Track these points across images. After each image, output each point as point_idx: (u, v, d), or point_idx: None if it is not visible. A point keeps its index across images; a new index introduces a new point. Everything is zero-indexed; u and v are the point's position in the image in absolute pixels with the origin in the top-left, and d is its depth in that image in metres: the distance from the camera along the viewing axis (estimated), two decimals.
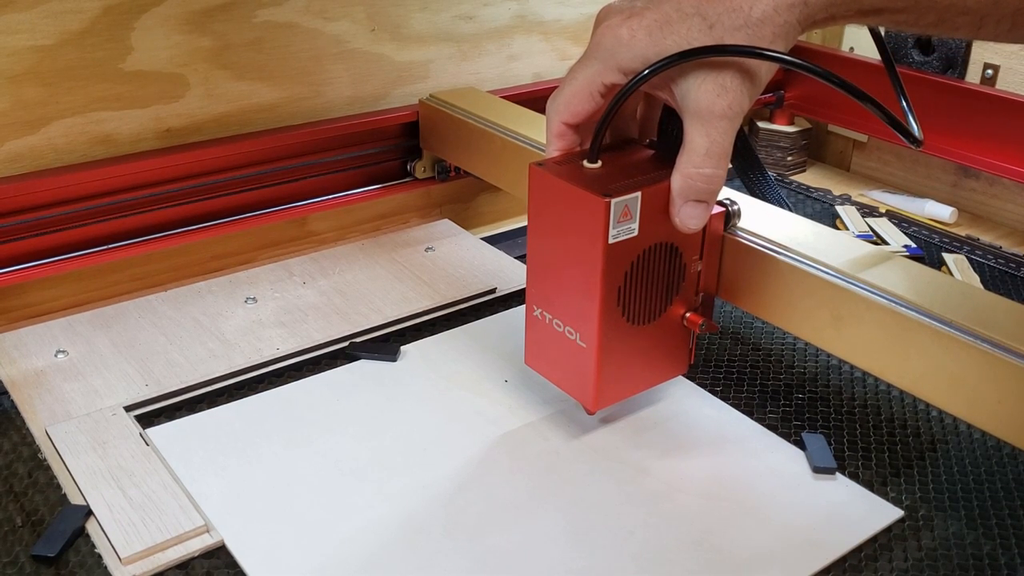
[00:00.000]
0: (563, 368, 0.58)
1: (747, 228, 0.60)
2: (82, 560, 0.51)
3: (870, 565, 0.52)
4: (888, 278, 0.54)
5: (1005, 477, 0.59)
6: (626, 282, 0.54)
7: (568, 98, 0.53)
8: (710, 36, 0.48)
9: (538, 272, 0.57)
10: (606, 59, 0.51)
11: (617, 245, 0.52)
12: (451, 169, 0.88)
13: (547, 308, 0.58)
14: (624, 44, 0.50)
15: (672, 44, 0.48)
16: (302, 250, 0.84)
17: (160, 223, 0.75)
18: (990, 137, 0.92)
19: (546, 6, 0.94)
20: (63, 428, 0.60)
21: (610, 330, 0.55)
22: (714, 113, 0.49)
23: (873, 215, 0.96)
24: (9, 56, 0.68)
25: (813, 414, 0.64)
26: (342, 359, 0.69)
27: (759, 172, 0.72)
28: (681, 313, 0.59)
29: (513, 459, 0.59)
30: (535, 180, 0.55)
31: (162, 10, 0.73)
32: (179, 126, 0.77)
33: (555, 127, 0.55)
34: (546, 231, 0.56)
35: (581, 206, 0.52)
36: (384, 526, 0.53)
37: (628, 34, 0.49)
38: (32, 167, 0.71)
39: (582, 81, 0.52)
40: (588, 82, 0.52)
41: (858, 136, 1.08)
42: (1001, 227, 0.97)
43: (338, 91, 0.84)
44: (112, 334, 0.70)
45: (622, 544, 0.52)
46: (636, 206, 0.52)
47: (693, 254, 0.58)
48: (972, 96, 0.94)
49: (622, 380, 0.58)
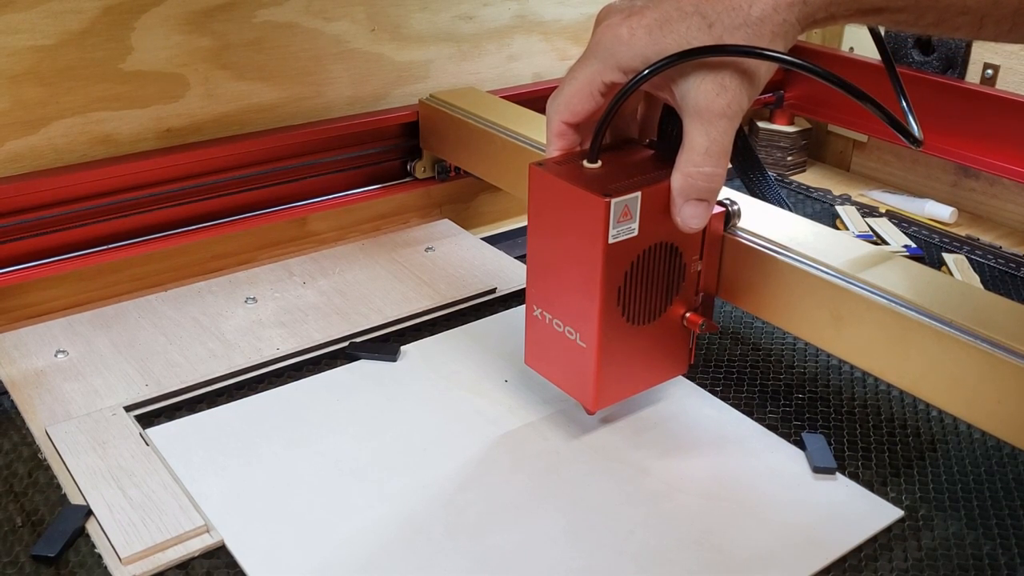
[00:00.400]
0: (563, 368, 0.58)
1: (747, 228, 0.60)
2: (82, 560, 0.51)
3: (870, 565, 0.52)
4: (888, 278, 0.54)
5: (1005, 477, 0.59)
6: (626, 282, 0.54)
7: (568, 97, 0.53)
8: (709, 35, 0.48)
9: (538, 272, 0.57)
10: (606, 58, 0.51)
11: (617, 245, 0.52)
12: (451, 169, 0.88)
13: (547, 308, 0.58)
14: (624, 43, 0.50)
15: (672, 43, 0.48)
16: (302, 250, 0.84)
17: (160, 223, 0.75)
18: (990, 137, 0.92)
19: (546, 6, 0.94)
20: (63, 428, 0.60)
21: (610, 330, 0.55)
22: (713, 112, 0.49)
23: (873, 215, 0.96)
24: (9, 56, 0.68)
25: (813, 414, 0.64)
26: (342, 359, 0.69)
27: (759, 172, 0.72)
28: (681, 313, 0.59)
29: (513, 459, 0.59)
30: (535, 180, 0.55)
31: (162, 10, 0.73)
32: (179, 126, 0.77)
33: (555, 126, 0.55)
34: (546, 231, 0.56)
35: (581, 206, 0.52)
36: (384, 526, 0.53)
37: (628, 33, 0.49)
38: (32, 167, 0.71)
39: (582, 80, 0.52)
40: (588, 81, 0.52)
41: (858, 136, 1.08)
42: (1001, 227, 0.97)
43: (338, 91, 0.84)
44: (112, 334, 0.70)
45: (622, 544, 0.52)
46: (636, 206, 0.52)
47: (693, 254, 0.58)
48: (972, 96, 0.94)
49: (622, 380, 0.58)
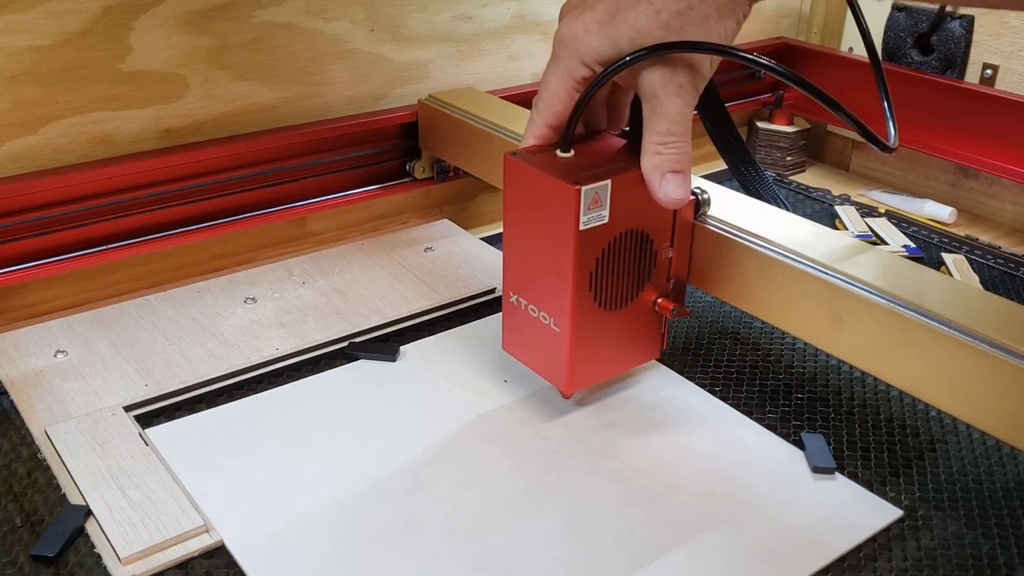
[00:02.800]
0: (538, 352, 0.60)
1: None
2: (81, 560, 0.51)
3: (869, 565, 0.52)
4: (888, 278, 0.55)
5: (1005, 477, 0.59)
6: (598, 268, 0.56)
7: (548, 103, 0.55)
8: (657, 20, 0.50)
9: (514, 259, 0.59)
10: (569, 56, 0.53)
11: (588, 232, 0.54)
12: (450, 169, 0.88)
13: (522, 294, 0.59)
14: (580, 39, 0.52)
15: (623, 35, 0.51)
16: (301, 250, 0.84)
17: (159, 223, 0.75)
18: (989, 137, 0.93)
19: (545, 6, 0.94)
20: (62, 428, 0.60)
21: (582, 315, 0.57)
22: (668, 93, 0.51)
23: (872, 215, 0.96)
24: (8, 56, 0.68)
25: (812, 414, 0.64)
26: (341, 359, 0.69)
27: (751, 166, 0.72)
28: (653, 299, 0.61)
29: (512, 459, 0.59)
30: (509, 169, 0.57)
31: (161, 10, 0.73)
32: (178, 126, 0.77)
33: (539, 130, 0.56)
34: (521, 219, 0.58)
35: (553, 193, 0.54)
36: (383, 526, 0.53)
37: (583, 29, 0.52)
38: (31, 167, 0.71)
39: (555, 84, 0.54)
40: (561, 82, 0.54)
41: (857, 136, 1.08)
42: (1000, 227, 0.97)
43: (337, 91, 0.84)
44: (111, 334, 0.70)
45: (621, 544, 0.52)
46: (606, 193, 0.54)
47: (664, 241, 0.59)
48: (971, 96, 0.94)
49: (595, 364, 0.60)
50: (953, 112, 0.95)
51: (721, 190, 0.65)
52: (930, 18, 0.98)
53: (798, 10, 1.14)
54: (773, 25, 1.13)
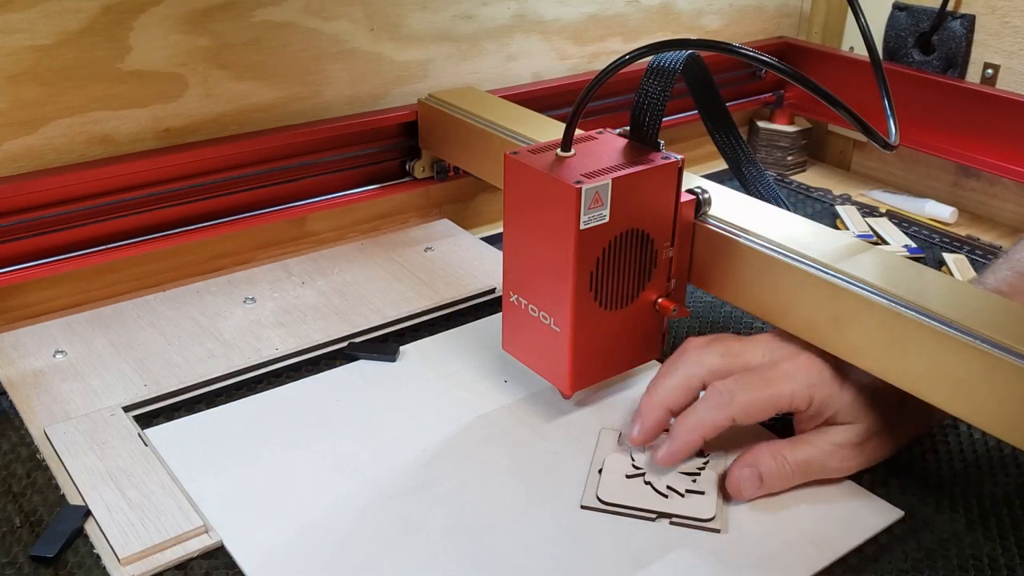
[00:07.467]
0: (539, 352, 0.60)
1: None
2: (81, 560, 0.51)
3: (870, 565, 0.52)
4: (889, 278, 0.54)
5: (1006, 477, 0.59)
6: (598, 267, 0.56)
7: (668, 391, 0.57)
8: None
9: (514, 259, 0.59)
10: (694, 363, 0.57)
11: (589, 231, 0.54)
12: (450, 169, 0.88)
13: (523, 294, 0.59)
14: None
15: None
16: (301, 250, 0.84)
17: (159, 223, 0.75)
18: (990, 137, 0.92)
19: (546, 6, 0.93)
20: (62, 428, 0.59)
21: (583, 315, 0.57)
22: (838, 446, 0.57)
23: (873, 215, 0.96)
24: (8, 56, 0.68)
25: None
26: (341, 359, 0.69)
27: (742, 149, 0.71)
28: (653, 299, 0.60)
29: (512, 459, 0.58)
30: (510, 168, 0.57)
31: (161, 10, 0.72)
32: (178, 126, 0.77)
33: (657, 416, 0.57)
34: (521, 218, 0.58)
35: (553, 193, 0.54)
36: (383, 526, 0.53)
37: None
38: (31, 167, 0.71)
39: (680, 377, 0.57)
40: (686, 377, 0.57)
41: (858, 136, 1.08)
42: (1001, 227, 0.97)
43: (337, 91, 0.84)
44: (110, 334, 0.70)
45: (621, 544, 0.52)
46: (607, 193, 0.54)
47: (664, 241, 0.59)
48: (972, 96, 0.94)
49: (596, 364, 0.60)
50: (954, 112, 0.95)
51: (722, 190, 0.65)
52: (931, 18, 0.98)
53: (799, 9, 1.14)
54: (774, 25, 1.13)
